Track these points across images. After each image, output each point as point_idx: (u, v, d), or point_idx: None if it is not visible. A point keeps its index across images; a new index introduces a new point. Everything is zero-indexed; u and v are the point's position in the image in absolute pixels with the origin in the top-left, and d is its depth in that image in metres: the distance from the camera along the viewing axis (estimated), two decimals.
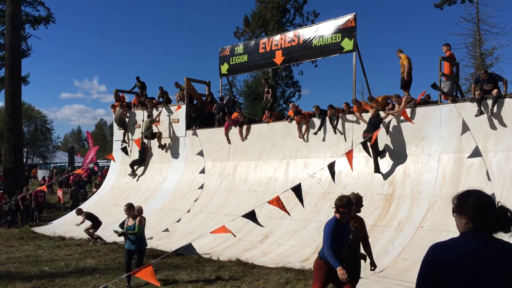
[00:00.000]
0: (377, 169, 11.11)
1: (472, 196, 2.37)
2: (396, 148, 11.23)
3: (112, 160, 18.07)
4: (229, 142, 14.72)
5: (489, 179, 9.36)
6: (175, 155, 16.51)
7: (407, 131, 11.07)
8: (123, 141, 18.19)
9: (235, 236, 8.25)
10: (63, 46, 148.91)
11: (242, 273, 8.71)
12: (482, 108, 9.80)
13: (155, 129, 16.80)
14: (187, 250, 5.93)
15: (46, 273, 9.19)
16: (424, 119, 10.85)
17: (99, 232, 12.82)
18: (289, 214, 8.44)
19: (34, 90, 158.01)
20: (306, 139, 12.97)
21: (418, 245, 9.02)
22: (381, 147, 11.22)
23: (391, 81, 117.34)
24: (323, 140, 12.63)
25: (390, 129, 11.33)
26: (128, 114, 18.29)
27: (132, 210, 8.39)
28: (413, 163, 10.81)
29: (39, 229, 15.31)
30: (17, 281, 8.42)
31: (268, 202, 7.84)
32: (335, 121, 12.27)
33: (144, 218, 8.42)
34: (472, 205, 2.32)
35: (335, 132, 12.31)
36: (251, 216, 7.45)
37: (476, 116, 9.87)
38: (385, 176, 11.13)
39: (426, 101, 11.32)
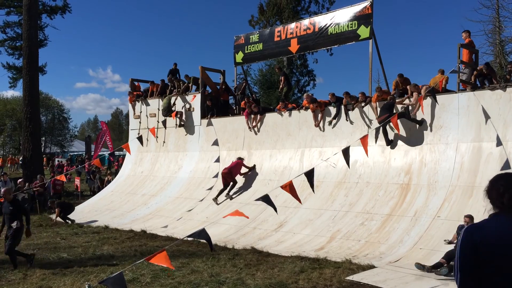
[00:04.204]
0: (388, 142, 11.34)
1: (498, 180, 2.42)
2: (413, 137, 11.10)
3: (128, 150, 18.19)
4: (250, 130, 14.71)
5: (508, 168, 9.19)
6: (190, 144, 16.58)
7: (424, 119, 10.91)
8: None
9: (247, 217, 8.24)
10: (76, 36, 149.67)
11: (257, 261, 8.75)
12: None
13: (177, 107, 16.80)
14: (200, 236, 5.96)
15: (64, 259, 9.35)
16: (442, 107, 10.68)
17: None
18: (300, 201, 8.43)
19: (49, 79, 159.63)
20: (321, 128, 12.90)
21: (434, 235, 8.94)
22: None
23: (409, 70, 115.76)
24: (339, 129, 12.54)
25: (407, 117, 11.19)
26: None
27: None
28: (430, 152, 10.67)
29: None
30: (36, 267, 8.59)
31: (281, 187, 7.82)
32: (351, 109, 12.18)
33: None
34: (496, 188, 2.39)
35: (347, 120, 12.21)
36: (265, 199, 7.42)
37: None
38: (401, 165, 11.02)
39: (442, 90, 11.13)
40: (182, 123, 16.68)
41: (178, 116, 16.62)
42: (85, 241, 11.29)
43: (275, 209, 7.77)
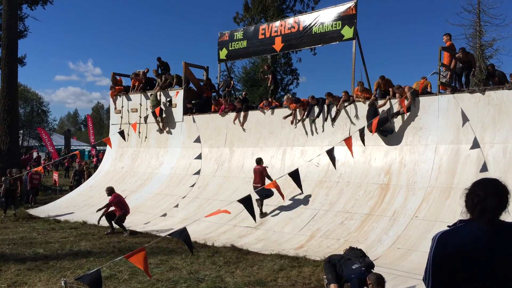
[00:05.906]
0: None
1: (477, 187, 2.39)
2: (393, 138, 11.22)
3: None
4: (223, 116, 14.84)
5: (485, 171, 9.37)
6: (172, 140, 16.46)
7: (404, 121, 11.05)
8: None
9: (229, 213, 8.23)
10: (57, 27, 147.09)
11: (237, 259, 8.74)
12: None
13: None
14: (181, 236, 5.90)
15: (40, 255, 9.19)
16: (422, 109, 10.82)
17: None
18: (283, 198, 8.47)
19: (29, 71, 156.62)
20: (303, 127, 12.94)
21: (412, 235, 9.06)
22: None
23: (391, 71, 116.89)
24: (321, 128, 12.60)
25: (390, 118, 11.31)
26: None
27: None
28: (410, 153, 10.81)
29: (34, 211, 15.30)
30: (11, 263, 8.42)
31: (265, 186, 7.85)
32: (332, 110, 12.25)
33: None
34: (471, 198, 2.36)
35: (327, 119, 12.29)
36: (246, 203, 7.42)
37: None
38: (382, 165, 11.14)
39: (423, 92, 11.27)
40: (162, 128, 16.61)
41: (159, 118, 16.47)
42: (62, 236, 11.11)
43: (254, 218, 7.84)
